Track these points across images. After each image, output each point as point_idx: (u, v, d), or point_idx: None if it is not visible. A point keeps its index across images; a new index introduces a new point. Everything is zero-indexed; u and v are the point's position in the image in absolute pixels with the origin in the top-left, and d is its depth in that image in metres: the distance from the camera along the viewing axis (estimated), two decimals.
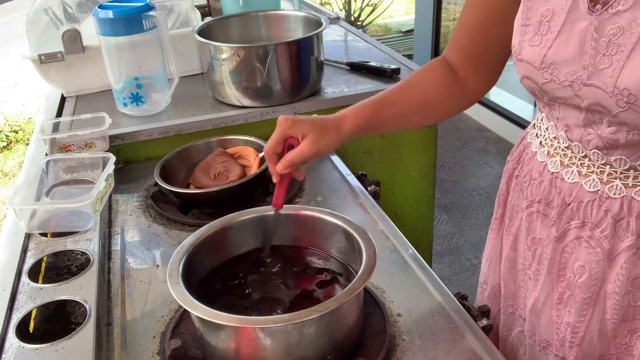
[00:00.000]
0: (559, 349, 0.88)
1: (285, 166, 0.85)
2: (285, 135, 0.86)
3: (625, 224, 0.77)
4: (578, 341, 0.85)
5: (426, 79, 0.95)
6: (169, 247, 1.06)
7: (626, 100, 0.67)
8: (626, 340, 0.82)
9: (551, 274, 0.86)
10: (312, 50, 1.43)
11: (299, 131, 0.85)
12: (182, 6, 1.66)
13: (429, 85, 0.94)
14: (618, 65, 0.67)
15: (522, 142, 0.95)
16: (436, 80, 0.94)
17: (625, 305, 0.80)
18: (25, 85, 5.20)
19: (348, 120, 0.88)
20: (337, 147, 0.88)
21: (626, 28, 0.66)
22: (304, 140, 0.85)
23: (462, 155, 3.56)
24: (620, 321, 0.81)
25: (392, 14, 6.39)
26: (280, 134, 0.86)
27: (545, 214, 0.86)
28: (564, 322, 0.86)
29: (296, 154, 0.85)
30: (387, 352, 0.80)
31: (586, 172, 0.80)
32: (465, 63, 0.94)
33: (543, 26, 0.75)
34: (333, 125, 0.87)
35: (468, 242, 2.77)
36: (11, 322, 0.83)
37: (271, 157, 0.87)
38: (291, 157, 0.85)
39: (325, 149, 0.86)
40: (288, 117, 0.86)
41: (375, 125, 0.91)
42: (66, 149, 1.28)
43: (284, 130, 0.86)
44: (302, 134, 0.85)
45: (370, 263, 0.77)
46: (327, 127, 0.87)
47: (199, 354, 0.81)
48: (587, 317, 0.83)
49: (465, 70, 0.94)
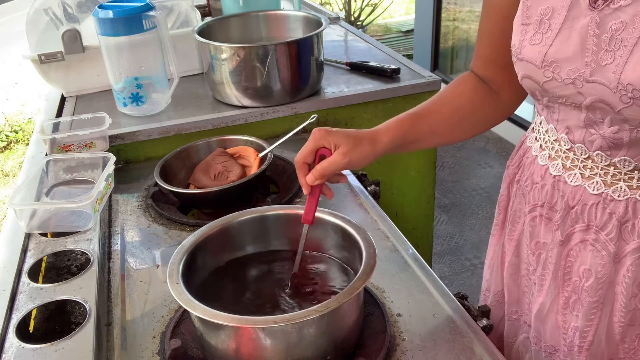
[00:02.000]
0: (567, 354, 0.87)
1: (316, 177, 0.82)
2: (317, 146, 0.83)
3: (630, 227, 0.77)
4: (587, 345, 0.83)
5: (459, 90, 0.93)
6: (169, 247, 1.06)
7: (630, 95, 0.67)
8: (634, 345, 0.82)
9: (556, 279, 0.85)
10: (312, 50, 1.43)
11: (332, 141, 0.82)
12: (182, 6, 1.66)
13: (462, 96, 0.93)
14: (621, 61, 0.67)
15: (522, 146, 0.94)
16: (469, 90, 0.93)
17: (632, 309, 0.79)
18: (25, 85, 5.20)
19: (384, 133, 0.86)
20: (371, 160, 0.85)
21: (629, 23, 0.66)
22: (336, 150, 0.82)
23: (462, 155, 3.56)
24: (627, 325, 0.80)
25: (392, 14, 6.39)
26: (313, 144, 0.83)
27: (549, 217, 0.85)
28: (571, 326, 0.85)
29: (327, 163, 0.82)
30: (387, 352, 0.80)
31: (589, 175, 0.79)
32: (494, 73, 0.92)
33: (543, 24, 0.75)
34: (368, 138, 0.85)
35: (468, 242, 2.77)
36: (11, 322, 0.83)
37: (301, 167, 0.84)
38: (322, 167, 0.82)
39: (358, 160, 0.83)
40: (322, 128, 0.83)
41: (411, 139, 0.89)
42: (66, 149, 1.28)
43: (316, 139, 0.83)
44: (334, 145, 0.82)
45: (370, 263, 0.77)
46: (361, 139, 0.84)
47: (199, 354, 0.81)
48: (595, 321, 0.82)
49: (496, 80, 0.92)
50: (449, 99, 0.93)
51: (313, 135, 0.83)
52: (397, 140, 0.87)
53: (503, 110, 0.95)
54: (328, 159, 0.82)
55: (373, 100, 1.51)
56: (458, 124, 0.93)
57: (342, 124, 1.51)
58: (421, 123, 0.89)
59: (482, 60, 0.93)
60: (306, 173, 0.83)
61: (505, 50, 0.85)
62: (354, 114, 1.51)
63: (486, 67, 0.93)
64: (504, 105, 0.94)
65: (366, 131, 0.86)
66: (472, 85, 0.93)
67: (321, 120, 1.47)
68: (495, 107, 0.94)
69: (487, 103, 0.93)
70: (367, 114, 1.52)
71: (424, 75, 1.56)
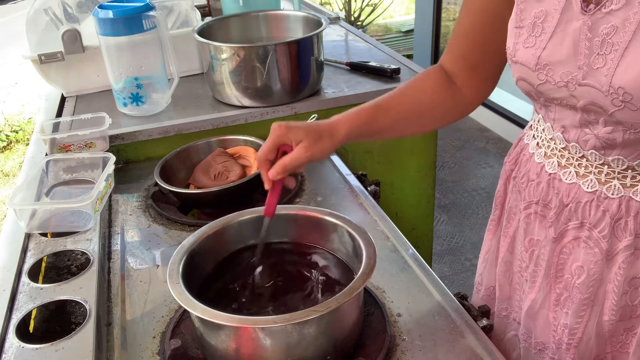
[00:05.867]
0: (555, 351, 0.88)
1: (278, 171, 0.84)
2: (279, 142, 0.84)
3: (623, 224, 0.77)
4: (575, 343, 0.84)
5: (420, 86, 0.94)
6: (169, 247, 1.06)
7: (622, 99, 0.67)
8: (622, 339, 0.83)
9: (548, 275, 0.86)
10: (312, 50, 1.43)
11: (292, 137, 0.84)
12: (182, 6, 1.66)
13: (422, 93, 0.94)
14: (613, 64, 0.67)
15: (519, 143, 0.95)
16: (430, 87, 0.94)
17: (623, 306, 0.80)
18: (25, 85, 5.21)
19: (342, 125, 0.87)
20: (331, 152, 0.87)
21: (620, 27, 0.67)
22: (297, 145, 0.84)
23: (462, 155, 3.56)
24: (617, 321, 0.81)
25: (392, 14, 6.39)
26: (274, 140, 0.84)
27: (543, 215, 0.86)
28: (560, 324, 0.86)
29: (290, 159, 0.84)
30: (387, 352, 0.80)
31: (584, 173, 0.80)
32: (462, 70, 0.93)
33: (537, 27, 0.76)
34: (327, 131, 0.86)
35: (468, 242, 2.77)
36: (11, 322, 0.83)
37: (264, 164, 0.86)
38: (284, 163, 0.84)
39: (319, 154, 0.85)
40: (282, 124, 0.85)
41: (370, 131, 0.90)
42: (66, 149, 1.28)
43: (277, 136, 0.84)
44: (295, 140, 0.84)
45: (370, 263, 0.77)
46: (320, 133, 0.85)
47: (199, 354, 0.81)
48: (585, 319, 0.83)
49: (462, 77, 0.93)
50: (410, 94, 0.94)
51: (274, 132, 0.85)
52: (355, 132, 0.88)
53: (463, 107, 0.96)
54: (290, 155, 0.84)
55: None
56: (417, 119, 0.94)
57: None
58: (381, 116, 0.90)
59: (454, 55, 0.94)
60: (268, 168, 0.85)
61: (478, 49, 0.87)
62: None
63: (456, 62, 0.93)
64: (465, 102, 0.95)
65: (324, 123, 0.87)
66: (437, 80, 0.94)
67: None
68: (456, 104, 0.95)
69: (448, 100, 0.94)
70: None
71: None
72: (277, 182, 0.86)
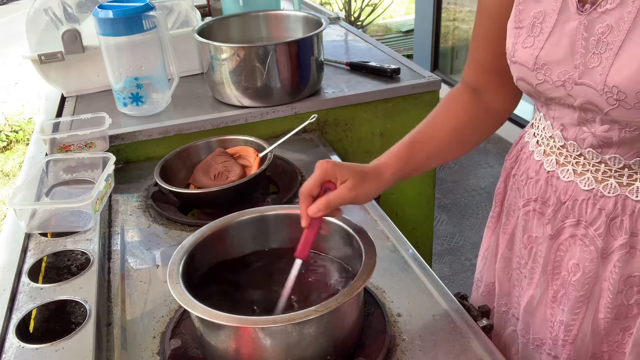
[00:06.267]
0: (552, 347, 0.89)
1: (320, 208, 0.79)
2: (324, 178, 0.81)
3: (619, 223, 0.78)
4: (571, 339, 0.85)
5: (452, 110, 0.93)
6: (169, 247, 1.06)
7: (616, 97, 0.68)
8: (618, 338, 0.83)
9: (546, 272, 0.87)
10: (312, 50, 1.43)
11: (339, 175, 0.81)
12: (182, 6, 1.66)
13: (454, 118, 0.92)
14: (607, 63, 0.68)
15: (520, 141, 0.95)
16: (459, 109, 0.92)
17: (618, 304, 0.81)
18: (25, 85, 5.21)
19: (387, 169, 0.86)
20: (375, 196, 0.85)
21: (614, 26, 0.67)
22: (342, 184, 0.81)
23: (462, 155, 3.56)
24: (613, 319, 0.82)
25: (392, 14, 6.39)
26: (320, 176, 0.80)
27: (542, 212, 0.87)
28: (557, 320, 0.87)
29: (334, 196, 0.80)
30: (387, 352, 0.80)
31: (581, 171, 0.80)
32: (488, 80, 0.91)
33: (535, 28, 0.76)
34: (373, 173, 0.84)
35: (468, 242, 2.77)
36: (11, 322, 0.83)
37: (306, 199, 0.80)
38: (328, 200, 0.79)
39: (363, 196, 0.82)
40: (329, 161, 0.82)
41: (412, 168, 0.89)
42: (66, 149, 1.28)
43: (323, 173, 0.81)
44: (341, 179, 0.81)
45: (370, 263, 0.77)
46: (367, 174, 0.83)
47: (199, 354, 0.81)
48: (580, 316, 0.83)
49: (489, 88, 0.92)
50: (442, 121, 0.92)
51: (320, 167, 0.81)
52: (399, 173, 0.87)
53: (495, 119, 0.95)
54: (335, 192, 0.80)
55: (373, 101, 1.51)
56: (455, 144, 0.93)
57: (342, 124, 1.51)
58: (418, 152, 0.89)
59: (476, 66, 0.92)
60: (309, 204, 0.80)
61: (500, 53, 0.85)
62: (354, 114, 1.51)
63: (480, 73, 0.92)
64: (496, 113, 0.94)
65: (371, 167, 0.85)
66: (464, 100, 0.93)
67: (321, 120, 1.48)
68: (488, 118, 0.94)
69: (479, 116, 0.93)
70: (367, 114, 1.52)
71: (424, 76, 1.56)
72: (316, 220, 0.80)
